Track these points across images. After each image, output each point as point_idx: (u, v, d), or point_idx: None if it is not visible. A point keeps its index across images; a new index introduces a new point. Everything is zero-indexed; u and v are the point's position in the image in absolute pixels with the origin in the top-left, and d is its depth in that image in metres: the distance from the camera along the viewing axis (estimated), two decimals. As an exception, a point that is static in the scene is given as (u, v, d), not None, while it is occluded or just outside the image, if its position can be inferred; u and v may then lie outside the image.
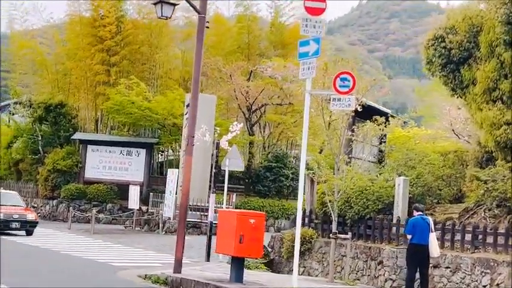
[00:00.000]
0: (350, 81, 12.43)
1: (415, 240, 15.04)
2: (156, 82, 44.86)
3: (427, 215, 15.98)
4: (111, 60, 43.33)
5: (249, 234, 14.25)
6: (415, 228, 15.05)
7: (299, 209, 13.34)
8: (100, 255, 21.54)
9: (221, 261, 21.37)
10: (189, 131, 16.68)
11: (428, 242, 14.83)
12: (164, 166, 45.17)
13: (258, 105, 41.48)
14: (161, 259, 21.42)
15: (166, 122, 41.19)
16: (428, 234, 14.85)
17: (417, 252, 15.04)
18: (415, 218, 15.28)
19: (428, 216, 15.89)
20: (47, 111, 43.59)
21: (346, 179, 17.31)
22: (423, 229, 14.87)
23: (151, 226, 33.44)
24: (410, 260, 15.35)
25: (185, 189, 16.44)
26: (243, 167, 23.97)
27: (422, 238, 14.90)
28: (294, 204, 41.16)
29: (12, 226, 27.66)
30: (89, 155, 41.53)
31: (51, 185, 41.89)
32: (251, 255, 15.12)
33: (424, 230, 14.86)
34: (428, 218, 15.32)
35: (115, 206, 41.12)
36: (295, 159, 42.48)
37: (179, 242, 16.49)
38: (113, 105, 40.85)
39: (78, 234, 30.54)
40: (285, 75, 39.94)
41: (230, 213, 15.08)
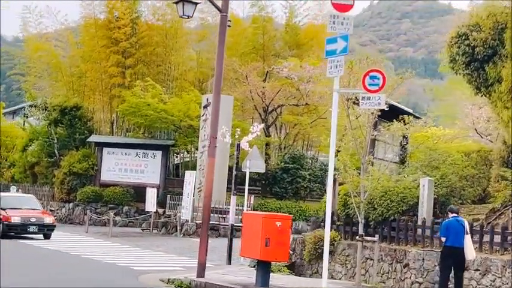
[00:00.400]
0: (380, 79, 12.09)
1: (449, 243, 14.66)
2: (171, 84, 44.63)
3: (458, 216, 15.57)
4: (126, 62, 43.16)
5: (275, 238, 13.94)
6: (449, 230, 14.67)
7: (328, 211, 13.00)
8: (120, 259, 21.28)
9: (242, 264, 21.09)
10: (212, 131, 16.37)
11: (463, 245, 14.44)
12: (180, 168, 44.95)
13: (274, 106, 41.20)
14: (182, 262, 21.15)
15: (182, 123, 40.95)
16: (464, 237, 14.46)
17: (452, 255, 14.66)
18: (449, 220, 14.90)
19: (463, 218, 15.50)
20: (63, 114, 43.45)
21: (372, 180, 16.93)
22: (458, 231, 14.49)
23: (168, 229, 33.17)
24: (444, 263, 14.97)
25: (207, 191, 16.13)
26: (264, 168, 23.65)
27: (457, 240, 14.52)
28: (311, 206, 40.88)
29: (29, 230, 27.47)
30: (104, 158, 41.34)
31: (67, 188, 41.73)
32: (277, 259, 14.82)
33: (459, 232, 14.48)
34: (463, 220, 14.94)
35: (131, 208, 40.90)
36: (312, 160, 42.18)
37: (202, 246, 16.19)
38: (129, 107, 40.64)
39: (96, 238, 30.30)
40: (301, 75, 39.69)
41: (255, 216, 14.76)
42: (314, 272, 21.47)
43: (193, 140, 41.56)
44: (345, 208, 21.81)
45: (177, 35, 44.40)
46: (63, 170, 41.72)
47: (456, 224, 14.66)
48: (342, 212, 22.03)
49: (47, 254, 21.61)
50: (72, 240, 28.27)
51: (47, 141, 44.10)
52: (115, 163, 41.26)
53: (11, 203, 28.53)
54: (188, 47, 46.61)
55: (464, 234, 14.52)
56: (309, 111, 42.86)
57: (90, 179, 41.68)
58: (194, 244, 27.39)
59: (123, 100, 42.07)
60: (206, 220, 16.14)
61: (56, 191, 43.15)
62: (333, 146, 12.98)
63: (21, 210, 27.77)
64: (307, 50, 45.28)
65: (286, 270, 19.57)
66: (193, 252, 24.86)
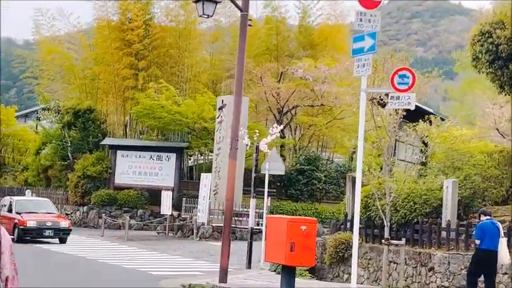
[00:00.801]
0: (409, 77, 11.67)
1: (484, 246, 14.23)
2: (185, 85, 44.33)
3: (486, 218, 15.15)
4: (139, 64, 42.87)
5: (300, 242, 13.54)
6: (484, 233, 14.25)
7: (356, 214, 12.59)
8: (138, 263, 20.96)
9: (262, 268, 20.74)
10: (232, 133, 16.00)
11: (497, 248, 14.02)
12: (194, 170, 44.62)
13: (288, 107, 40.83)
14: (201, 267, 20.80)
15: (195, 125, 40.64)
16: (498, 240, 14.04)
17: (485, 258, 14.24)
18: (484, 222, 14.47)
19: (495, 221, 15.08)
20: (76, 117, 43.22)
21: (398, 181, 16.54)
22: (493, 234, 14.07)
23: (184, 232, 32.83)
24: (476, 266, 14.54)
25: (229, 194, 15.76)
26: (283, 170, 23.28)
27: (492, 243, 14.09)
28: (327, 208, 40.46)
29: (45, 234, 27.19)
30: (118, 161, 41.06)
31: (81, 191, 41.48)
32: (303, 264, 14.45)
33: (494, 235, 14.06)
34: (498, 223, 14.52)
35: (146, 211, 40.61)
36: (327, 162, 41.78)
37: (224, 250, 15.82)
38: (142, 110, 40.34)
39: (111, 242, 30.01)
40: (316, 76, 39.33)
41: (280, 220, 14.37)
42: (335, 275, 21.09)
43: (208, 142, 41.23)
44: (366, 210, 21.39)
45: (191, 36, 44.09)
46: (77, 173, 41.47)
47: (492, 227, 14.24)
48: (363, 214, 21.61)
49: (64, 259, 21.31)
50: (88, 244, 27.99)
51: (60, 144, 43.87)
52: (129, 166, 40.96)
53: (27, 207, 28.29)
54: (201, 48, 46.30)
55: (499, 237, 14.10)
56: (323, 112, 42.49)
57: (104, 182, 41.41)
58: (211, 247, 27.09)
59: (137, 102, 41.79)
60: (228, 224, 15.77)
61: (69, 194, 42.90)
62: (361, 147, 12.58)
63: (37, 215, 27.50)
64: (321, 50, 44.92)
65: (308, 275, 19.17)
66: (211, 256, 24.55)
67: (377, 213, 20.66)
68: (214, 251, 25.95)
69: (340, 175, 40.98)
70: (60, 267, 19.05)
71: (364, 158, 18.01)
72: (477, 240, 14.58)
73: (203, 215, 31.22)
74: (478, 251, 14.55)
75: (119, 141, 42.82)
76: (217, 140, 33.35)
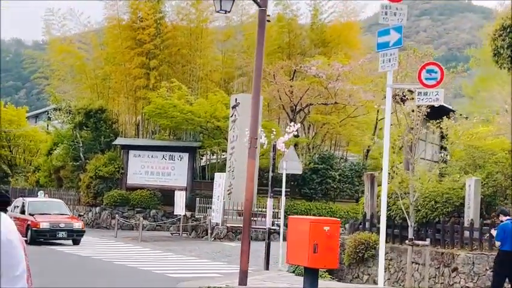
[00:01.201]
0: (438, 72, 11.26)
1: (507, 247, 13.80)
2: (197, 84, 43.98)
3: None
4: (150, 63, 42.53)
5: (323, 243, 13.17)
6: (506, 234, 13.82)
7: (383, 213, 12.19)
8: (154, 265, 20.61)
9: (280, 269, 20.34)
10: (252, 132, 15.62)
11: None
12: (206, 170, 44.28)
13: (301, 105, 40.41)
14: (218, 268, 20.44)
15: (208, 125, 40.30)
16: None
17: (509, 260, 13.80)
18: (505, 224, 14.05)
19: None
20: (87, 117, 42.93)
21: (422, 180, 16.10)
22: None
23: (199, 232, 32.46)
24: (500, 268, 14.11)
25: (249, 194, 15.38)
26: (301, 169, 22.90)
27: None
28: (341, 207, 40.05)
29: (58, 236, 26.86)
30: (130, 161, 40.74)
31: (94, 191, 41.19)
32: (326, 266, 14.07)
33: None
34: None
35: (159, 212, 40.30)
36: (341, 160, 41.34)
37: (244, 252, 15.44)
38: (155, 109, 40.02)
39: (125, 243, 29.67)
40: (329, 73, 38.92)
41: (302, 220, 13.99)
42: (355, 276, 20.70)
43: (220, 141, 40.89)
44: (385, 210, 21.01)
45: (202, 34, 43.75)
46: (89, 174, 41.18)
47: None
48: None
49: (79, 261, 20.98)
50: (102, 246, 27.67)
51: (72, 144, 43.59)
52: (141, 166, 40.65)
53: (39, 208, 27.97)
54: (213, 47, 45.95)
55: None
56: (337, 110, 42.09)
57: (116, 182, 41.10)
58: (226, 248, 26.74)
59: (149, 102, 41.50)
60: (247, 225, 15.38)
61: (82, 195, 42.62)
62: (387, 145, 12.17)
63: (50, 216, 27.17)
64: (334, 48, 44.55)
65: (328, 276, 18.77)
66: (227, 257, 24.20)
67: (397, 213, 20.25)
68: (230, 252, 25.62)
69: (355, 174, 40.59)
70: (74, 269, 18.71)
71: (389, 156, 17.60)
72: (498, 242, 14.16)
73: (217, 215, 30.85)
74: (501, 253, 14.13)
75: (131, 141, 42.52)
76: (231, 139, 32.98)
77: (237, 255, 24.53)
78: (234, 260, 23.45)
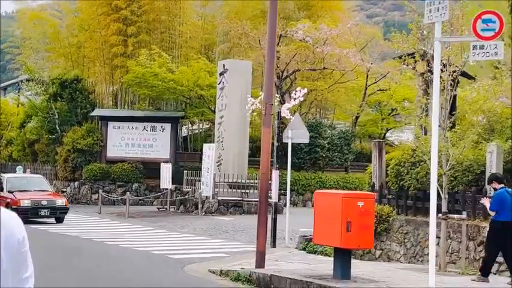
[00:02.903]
0: (496, 22, 9.72)
1: (504, 217, 12.57)
2: (177, 52, 42.05)
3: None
4: (128, 30, 40.41)
5: (357, 221, 11.71)
6: (503, 202, 12.52)
7: (433, 185, 10.70)
8: (151, 244, 19.03)
9: (288, 246, 18.92)
10: (266, 98, 14.01)
11: None
12: (188, 141, 42.58)
13: (288, 71, 38.76)
14: (219, 247, 18.91)
15: (191, 94, 38.56)
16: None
17: (504, 231, 12.51)
18: (501, 192, 12.79)
19: None
20: (62, 88, 40.78)
21: (458, 146, 14.62)
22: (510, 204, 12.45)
23: (188, 207, 30.82)
24: (496, 241, 12.86)
25: (265, 166, 13.81)
26: (308, 138, 21.35)
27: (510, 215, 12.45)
28: (331, 177, 38.71)
29: (41, 214, 25.12)
30: (110, 133, 38.85)
31: (72, 165, 39.28)
32: (361, 246, 12.69)
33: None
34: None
35: (141, 185, 38.61)
36: (329, 129, 39.89)
37: (260, 231, 13.91)
38: (134, 78, 38.12)
39: (111, 219, 28.01)
40: (316, 37, 37.36)
41: (332, 196, 12.47)
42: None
43: (204, 110, 39.22)
44: (397, 180, 19.64)
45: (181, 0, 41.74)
46: (66, 147, 39.20)
47: (508, 196, 12.56)
48: (394, 184, 19.86)
49: (68, 243, 19.28)
50: (87, 224, 25.99)
51: (46, 116, 41.46)
52: (121, 138, 38.80)
53: (19, 185, 26.14)
54: (192, 12, 43.96)
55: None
56: (324, 76, 40.55)
57: (95, 155, 39.23)
58: (221, 223, 25.26)
59: (127, 70, 39.58)
60: (264, 200, 13.81)
61: (59, 169, 40.68)
62: (436, 110, 10.63)
63: (31, 193, 25.38)
64: (318, 11, 43.03)
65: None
66: (224, 233, 22.76)
67: (411, 183, 18.91)
68: (225, 227, 24.15)
69: (344, 142, 39.22)
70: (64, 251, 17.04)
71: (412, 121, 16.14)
72: (492, 211, 12.85)
73: (207, 189, 29.26)
74: (495, 223, 12.88)
75: (110, 111, 40.59)
76: (219, 108, 31.29)
77: (234, 231, 23.14)
78: (232, 236, 22.01)
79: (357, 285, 11.42)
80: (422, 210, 18.94)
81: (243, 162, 30.95)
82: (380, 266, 14.91)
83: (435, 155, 10.64)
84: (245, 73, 31.24)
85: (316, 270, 13.24)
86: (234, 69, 30.94)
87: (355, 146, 41.39)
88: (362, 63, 37.75)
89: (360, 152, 42.05)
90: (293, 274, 12.56)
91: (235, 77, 30.72)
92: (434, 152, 10.62)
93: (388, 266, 15.42)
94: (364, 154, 42.76)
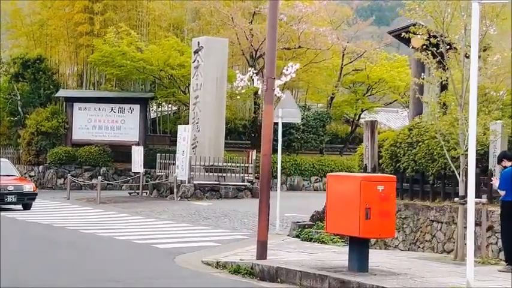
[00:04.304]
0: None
1: (510, 198, 11.68)
2: (145, 30, 40.39)
3: None
4: (94, 7, 38.55)
5: (377, 207, 10.51)
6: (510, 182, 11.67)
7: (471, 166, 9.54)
8: (131, 233, 17.65)
9: (279, 233, 17.69)
10: (268, 72, 12.74)
11: None
12: (157, 123, 41.04)
13: (261, 51, 37.40)
14: (206, 235, 17.59)
15: (161, 74, 37.02)
16: None
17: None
18: (510, 170, 11.74)
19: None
20: (24, 67, 38.85)
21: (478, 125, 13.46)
22: None
23: (161, 191, 29.38)
24: (508, 222, 11.88)
25: (266, 147, 12.54)
26: (300, 117, 20.11)
27: None
28: (306, 159, 37.62)
29: (7, 200, 23.49)
30: (75, 114, 37.12)
31: (35, 149, 37.49)
32: (382, 236, 11.47)
33: None
34: None
35: (109, 169, 37.02)
36: (304, 109, 38.69)
37: (262, 220, 12.64)
38: (101, 57, 36.41)
39: (82, 205, 26.46)
40: (291, 15, 36.15)
41: (349, 178, 11.23)
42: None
43: (175, 91, 37.72)
44: (393, 161, 18.53)
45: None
46: (29, 130, 37.36)
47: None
48: (389, 166, 18.74)
49: (41, 231, 17.77)
50: (58, 210, 24.42)
51: (8, 98, 39.54)
52: (88, 120, 37.12)
53: (-18, 169, 24.45)
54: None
55: None
56: (297, 55, 39.24)
57: (60, 138, 37.47)
58: (200, 209, 23.99)
59: (92, 50, 37.84)
60: (265, 186, 12.53)
61: (22, 153, 38.87)
62: (475, 84, 9.42)
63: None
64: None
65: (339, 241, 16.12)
66: (206, 219, 21.50)
67: (409, 164, 17.80)
68: (205, 213, 22.86)
69: (319, 123, 38.10)
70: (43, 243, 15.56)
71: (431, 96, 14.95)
72: (502, 191, 11.92)
73: (183, 172, 27.87)
74: (505, 203, 11.98)
75: (76, 93, 38.83)
76: (194, 88, 29.83)
77: (216, 218, 21.83)
78: (215, 223, 20.73)
79: (377, 279, 10.22)
80: (420, 194, 17.91)
81: (220, 144, 29.63)
82: (392, 256, 13.75)
83: (473, 135, 9.48)
84: (221, 51, 29.85)
85: (325, 261, 12.03)
86: (210, 47, 29.51)
87: (330, 128, 40.33)
88: (338, 42, 36.63)
89: (334, 134, 41.03)
90: (302, 266, 11.32)
91: (210, 55, 29.31)
92: (473, 133, 9.45)
93: (399, 254, 14.29)
94: (338, 136, 41.76)
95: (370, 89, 40.60)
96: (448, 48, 13.10)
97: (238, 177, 29.17)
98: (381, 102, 44.41)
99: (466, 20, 12.58)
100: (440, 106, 13.73)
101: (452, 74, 13.07)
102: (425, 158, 17.19)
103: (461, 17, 12.51)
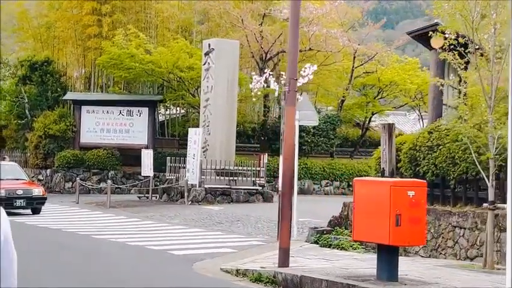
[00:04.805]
0: None
1: None
2: (153, 33, 40.01)
3: None
4: (102, 9, 38.20)
5: (407, 213, 10.05)
6: None
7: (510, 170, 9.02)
8: (144, 238, 17.21)
9: (297, 239, 17.21)
10: (290, 73, 12.30)
11: None
12: (166, 126, 40.64)
13: (271, 53, 37.01)
14: (221, 241, 17.15)
15: (170, 76, 36.62)
16: None
17: None
18: None
19: None
20: (32, 70, 38.50)
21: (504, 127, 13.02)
22: None
23: (172, 195, 28.94)
24: None
25: (289, 151, 12.09)
26: (317, 120, 19.66)
27: None
28: (316, 162, 37.22)
29: (16, 204, 23.09)
30: (83, 117, 36.75)
31: (43, 152, 37.11)
32: (411, 243, 11.09)
33: None
34: None
35: (118, 173, 36.62)
36: (314, 112, 38.25)
37: (284, 226, 12.21)
38: (109, 60, 36.06)
39: (92, 210, 26.06)
40: (303, 16, 35.61)
41: (378, 184, 10.78)
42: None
43: (183, 94, 37.33)
44: (412, 165, 18.09)
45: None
46: (37, 133, 36.98)
47: None
48: (408, 170, 18.30)
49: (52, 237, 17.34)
50: (67, 215, 24.03)
51: (15, 101, 39.20)
52: (96, 123, 36.73)
53: (-9, 173, 24.05)
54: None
55: None
56: (307, 58, 38.81)
57: (68, 141, 37.09)
58: (212, 213, 23.55)
59: (101, 52, 37.47)
60: (288, 191, 12.09)
61: (29, 156, 38.49)
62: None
63: (5, 182, 23.28)
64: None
65: (359, 247, 15.67)
66: (219, 224, 21.05)
67: (429, 168, 17.35)
68: (218, 217, 22.41)
69: (330, 126, 37.69)
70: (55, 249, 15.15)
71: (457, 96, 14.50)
72: None
73: (194, 176, 27.43)
74: None
75: (83, 95, 38.47)
76: (205, 90, 29.41)
77: (229, 223, 21.38)
78: (229, 228, 20.29)
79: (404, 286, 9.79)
80: (440, 198, 17.47)
81: (231, 148, 29.19)
82: (417, 263, 13.29)
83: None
84: (232, 53, 29.41)
85: (349, 269, 11.59)
86: (221, 49, 29.09)
87: (340, 131, 39.89)
88: (349, 44, 36.21)
89: (345, 137, 40.58)
90: (327, 275, 10.88)
91: (221, 57, 28.88)
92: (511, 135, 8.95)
93: (423, 262, 13.82)
94: (348, 140, 41.32)
95: (380, 91, 40.15)
96: (476, 48, 12.66)
97: (250, 181, 28.72)
98: (391, 105, 43.96)
99: (495, 19, 12.17)
100: (469, 108, 13.24)
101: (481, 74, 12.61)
102: (446, 162, 16.74)
103: (491, 16, 12.08)
